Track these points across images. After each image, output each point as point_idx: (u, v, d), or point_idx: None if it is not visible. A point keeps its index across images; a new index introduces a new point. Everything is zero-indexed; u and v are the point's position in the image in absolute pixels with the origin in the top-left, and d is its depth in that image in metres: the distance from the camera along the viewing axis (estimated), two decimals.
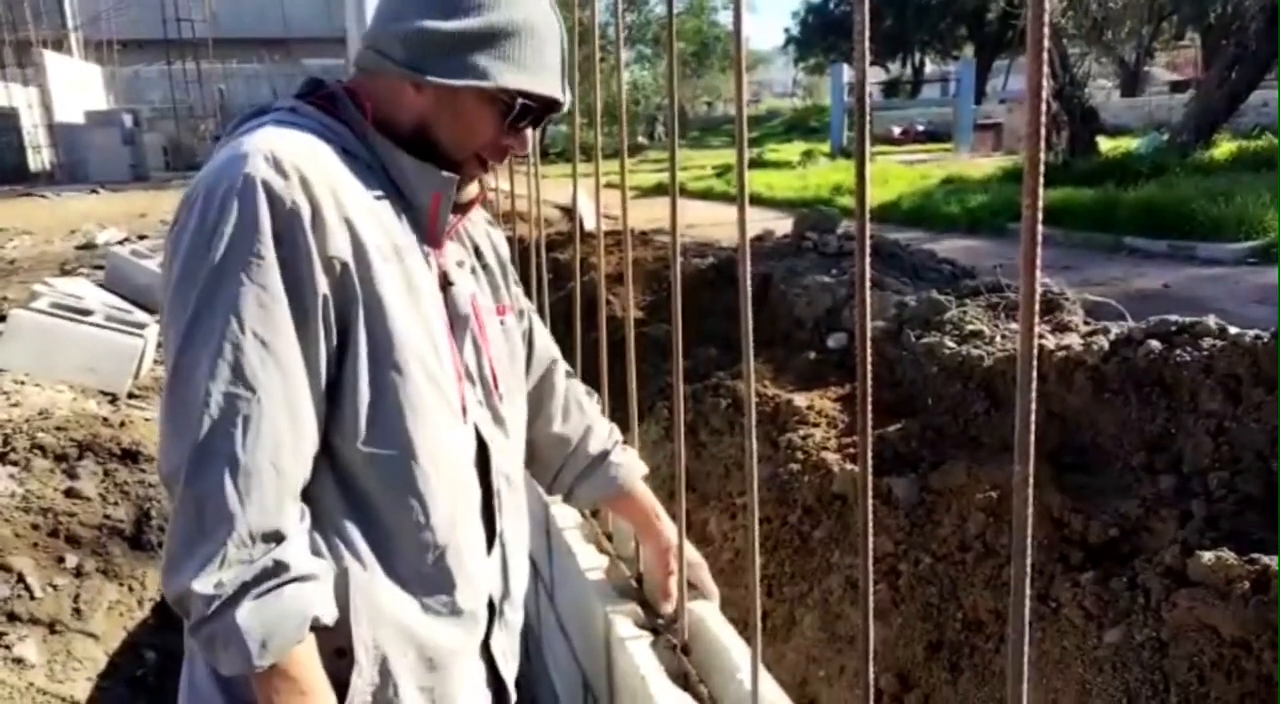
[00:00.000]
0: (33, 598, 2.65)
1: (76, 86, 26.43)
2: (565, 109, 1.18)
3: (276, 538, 0.95)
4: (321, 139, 1.05)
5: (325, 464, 1.03)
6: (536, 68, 1.10)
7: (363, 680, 1.04)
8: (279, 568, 0.94)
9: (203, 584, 0.91)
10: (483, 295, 1.24)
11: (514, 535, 1.27)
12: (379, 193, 1.07)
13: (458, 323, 1.15)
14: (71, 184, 21.69)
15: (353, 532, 1.05)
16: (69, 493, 3.12)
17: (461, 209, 1.19)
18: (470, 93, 1.07)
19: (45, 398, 3.91)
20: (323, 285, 0.97)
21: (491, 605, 1.21)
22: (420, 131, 1.10)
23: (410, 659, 1.09)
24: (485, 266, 1.29)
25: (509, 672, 1.27)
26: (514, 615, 1.29)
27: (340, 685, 1.02)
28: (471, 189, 1.19)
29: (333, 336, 1.00)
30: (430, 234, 1.14)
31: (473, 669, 1.20)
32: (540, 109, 1.13)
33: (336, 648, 1.02)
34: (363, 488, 1.05)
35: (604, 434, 1.49)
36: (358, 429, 1.02)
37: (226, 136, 1.07)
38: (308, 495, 1.01)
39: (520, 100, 1.09)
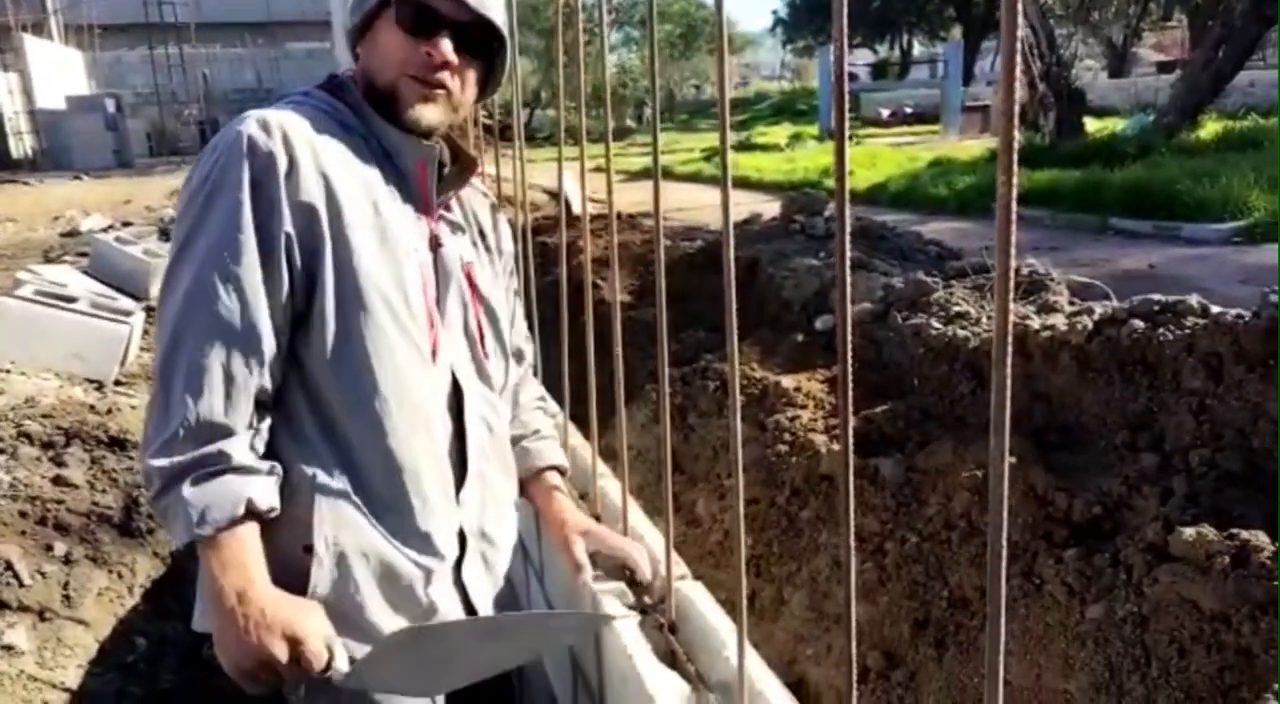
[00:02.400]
0: (22, 586, 2.65)
1: (57, 72, 26.08)
2: (480, 10, 1.23)
3: (224, 432, 1.10)
4: (324, 115, 1.22)
5: (297, 380, 1.18)
6: None
7: (322, 572, 1.16)
8: (220, 457, 1.09)
9: (157, 462, 1.08)
10: (481, 269, 1.37)
11: (495, 480, 1.36)
12: (371, 162, 1.23)
13: (442, 277, 1.28)
14: (54, 171, 21.47)
15: (320, 443, 1.18)
16: (57, 480, 3.11)
17: (458, 182, 1.34)
18: (378, 28, 1.23)
19: (31, 386, 3.89)
20: (288, 225, 1.13)
21: (463, 538, 1.30)
22: (368, 84, 1.25)
23: (372, 566, 1.20)
24: (488, 249, 1.42)
25: (483, 603, 1.35)
26: (494, 555, 1.38)
27: (305, 577, 1.15)
28: (450, 169, 1.32)
29: (296, 270, 1.14)
30: (423, 201, 1.28)
31: (434, 588, 1.27)
32: (449, 23, 1.21)
33: (305, 545, 1.15)
34: (330, 405, 1.19)
35: (526, 421, 1.56)
36: (325, 354, 1.16)
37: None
38: (283, 407, 1.17)
39: (401, 4, 1.20)
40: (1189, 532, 2.02)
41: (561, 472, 1.59)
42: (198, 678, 2.81)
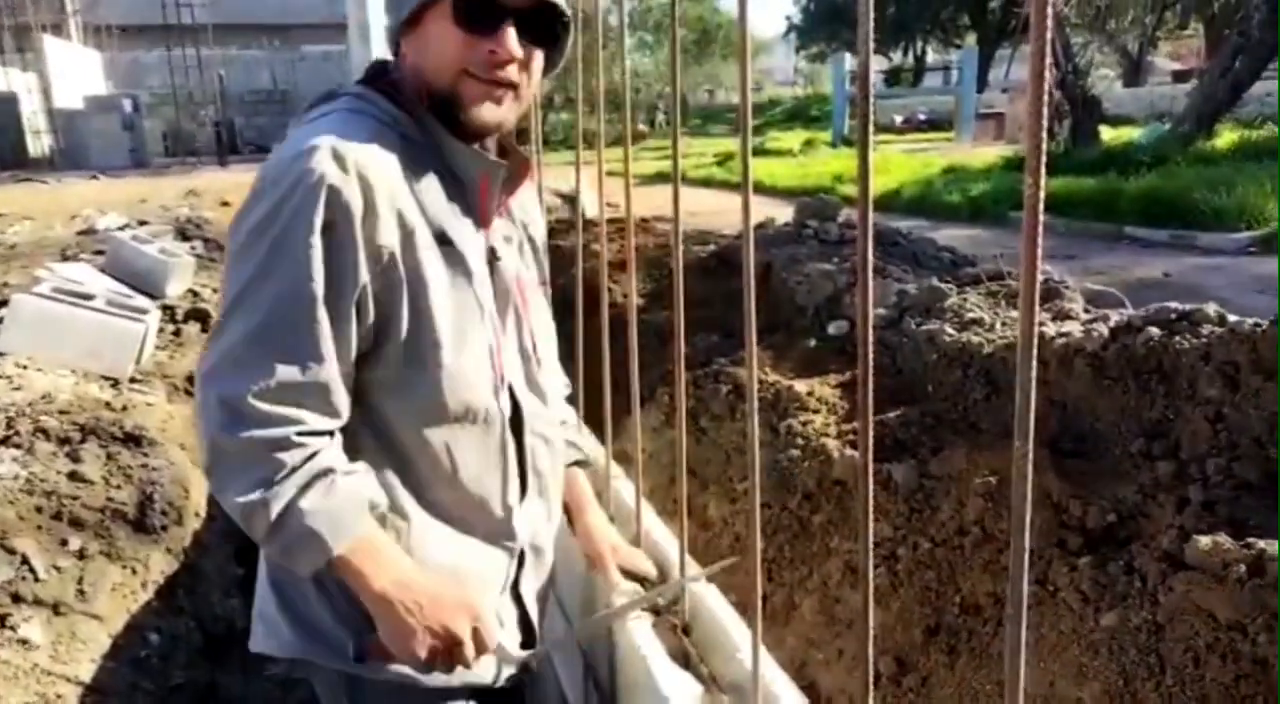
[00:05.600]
0: (37, 580, 2.67)
1: (76, 72, 26.28)
2: None
3: (314, 445, 1.06)
4: (387, 128, 1.13)
5: (368, 419, 1.15)
6: None
7: None
8: (326, 470, 1.06)
9: (251, 497, 1.03)
10: (527, 269, 1.34)
11: (550, 493, 1.37)
12: (433, 176, 1.16)
13: (500, 295, 1.24)
14: (71, 170, 21.62)
15: (392, 478, 1.17)
16: (72, 476, 3.13)
17: (511, 185, 1.26)
18: (427, 22, 1.13)
19: (48, 382, 3.92)
20: (364, 274, 1.07)
21: (521, 553, 1.31)
22: (421, 86, 1.15)
23: None
24: (530, 239, 1.38)
25: (536, 614, 1.37)
26: (545, 564, 1.39)
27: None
28: (530, 172, 1.27)
29: (366, 318, 1.09)
30: (481, 213, 1.22)
31: (503, 607, 1.30)
32: (511, 11, 1.11)
33: None
34: (401, 440, 1.16)
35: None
36: (394, 391, 1.14)
37: (297, 122, 1.16)
38: (354, 449, 1.14)
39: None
40: (1205, 540, 2.00)
41: (587, 464, 1.58)
42: (209, 675, 2.83)
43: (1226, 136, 13.44)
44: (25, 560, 2.70)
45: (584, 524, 1.53)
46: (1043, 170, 0.58)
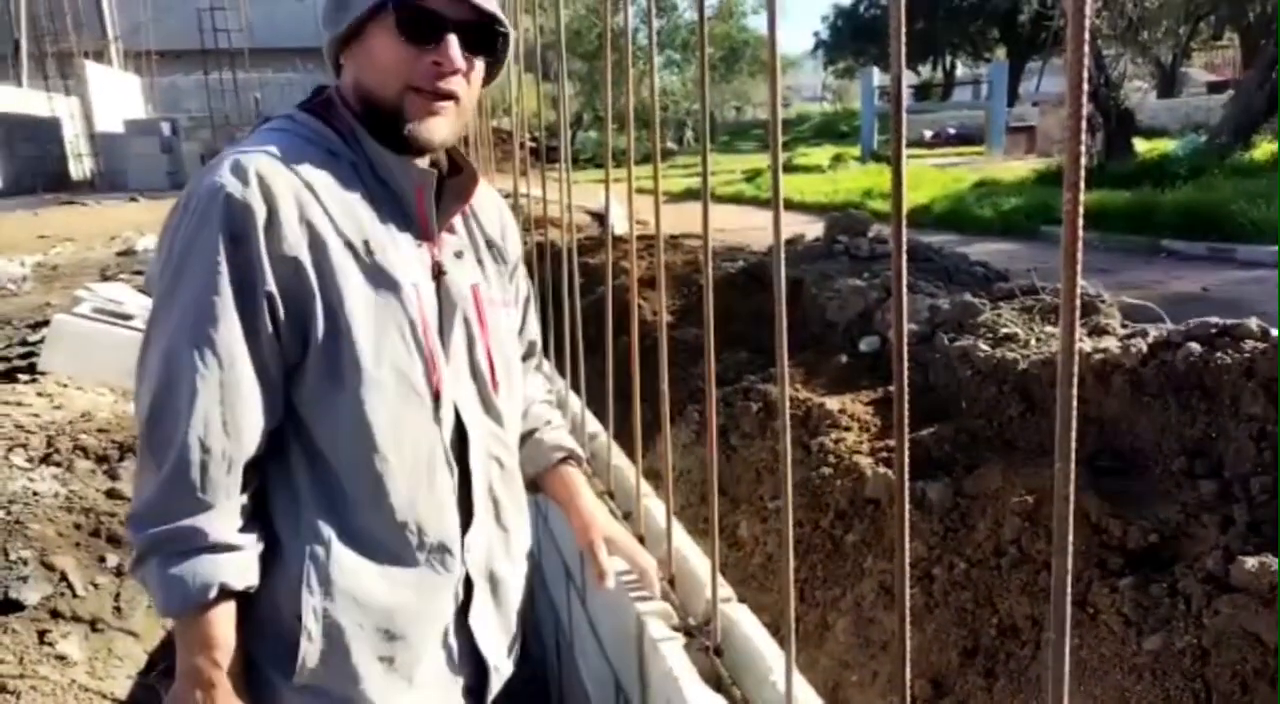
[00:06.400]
0: (75, 596, 2.70)
1: (116, 96, 26.93)
2: (485, 7, 1.13)
3: (200, 507, 1.04)
4: (309, 144, 1.12)
5: (294, 434, 1.12)
6: None
7: (312, 645, 1.11)
8: (195, 534, 1.05)
9: (134, 532, 1.06)
10: (488, 287, 1.27)
11: (506, 518, 1.29)
12: (360, 191, 1.13)
13: (446, 310, 1.19)
14: (111, 192, 22.09)
15: (316, 499, 1.12)
16: (110, 494, 3.17)
17: (460, 198, 1.23)
18: (369, 37, 1.12)
19: (87, 400, 3.99)
20: (270, 283, 1.05)
21: (469, 582, 1.24)
22: (362, 99, 1.15)
23: (367, 629, 1.14)
24: (496, 259, 1.31)
25: (491, 648, 1.29)
26: (505, 594, 1.31)
27: (296, 645, 1.11)
28: (458, 183, 1.22)
29: (282, 328, 1.07)
30: (422, 227, 1.18)
31: (438, 639, 1.23)
32: (454, 24, 1.11)
33: (296, 613, 1.10)
34: (326, 460, 1.12)
35: (536, 415, 1.48)
36: (319, 410, 1.10)
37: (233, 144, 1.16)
38: (280, 460, 1.12)
39: (400, 10, 1.09)
40: (1251, 562, 1.95)
41: (578, 460, 1.50)
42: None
43: (1264, 148, 13.22)
44: (64, 577, 2.74)
45: (576, 517, 1.45)
46: (1081, 185, 0.57)
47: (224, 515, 1.07)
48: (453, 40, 1.11)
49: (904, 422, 0.79)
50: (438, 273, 1.18)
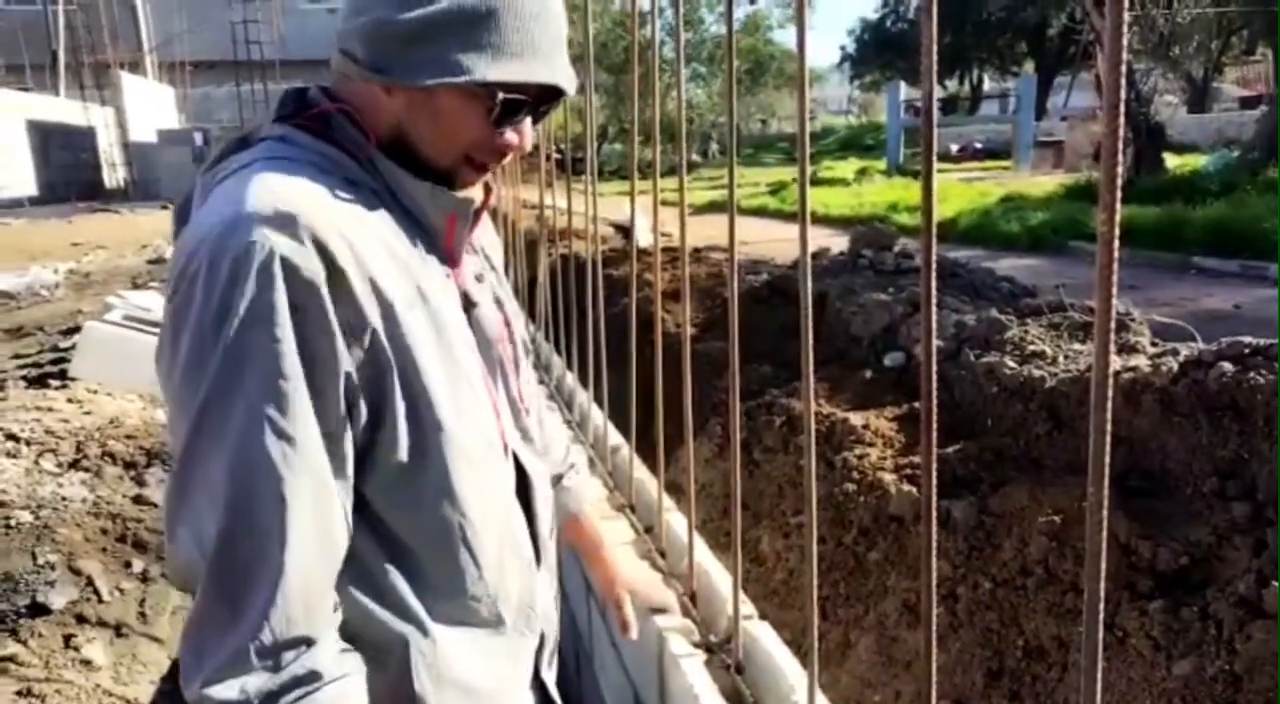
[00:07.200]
0: (101, 601, 2.73)
1: (150, 106, 27.39)
2: (572, 93, 1.02)
3: (305, 642, 0.87)
4: (324, 174, 0.93)
5: (367, 526, 0.96)
6: (520, 53, 0.94)
7: None
8: (310, 676, 0.87)
9: (223, 692, 0.83)
10: (503, 306, 1.16)
11: (552, 553, 1.22)
12: (391, 224, 0.97)
13: (483, 347, 1.06)
14: (144, 200, 22.42)
15: (402, 591, 0.99)
16: (137, 499, 3.21)
17: (473, 220, 1.08)
18: (443, 95, 0.95)
19: (116, 406, 4.04)
20: (345, 361, 0.88)
21: (541, 634, 1.17)
22: (398, 138, 0.98)
23: (473, 696, 1.05)
24: (493, 267, 1.19)
25: (555, 692, 1.24)
26: (553, 638, 1.24)
27: None
28: (475, 194, 1.06)
29: (359, 410, 0.91)
30: (448, 255, 1.04)
31: (524, 699, 1.17)
32: (535, 99, 0.99)
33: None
34: (408, 546, 0.99)
35: (559, 457, 1.39)
36: (400, 489, 0.96)
37: (209, 173, 0.96)
38: (354, 560, 0.95)
39: (503, 95, 0.95)
40: None
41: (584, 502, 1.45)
42: None
43: None
44: (90, 582, 2.76)
45: (600, 569, 1.43)
46: (1117, 208, 0.56)
47: (327, 645, 0.90)
48: (529, 121, 1.01)
49: (932, 442, 0.78)
50: (467, 305, 1.06)
